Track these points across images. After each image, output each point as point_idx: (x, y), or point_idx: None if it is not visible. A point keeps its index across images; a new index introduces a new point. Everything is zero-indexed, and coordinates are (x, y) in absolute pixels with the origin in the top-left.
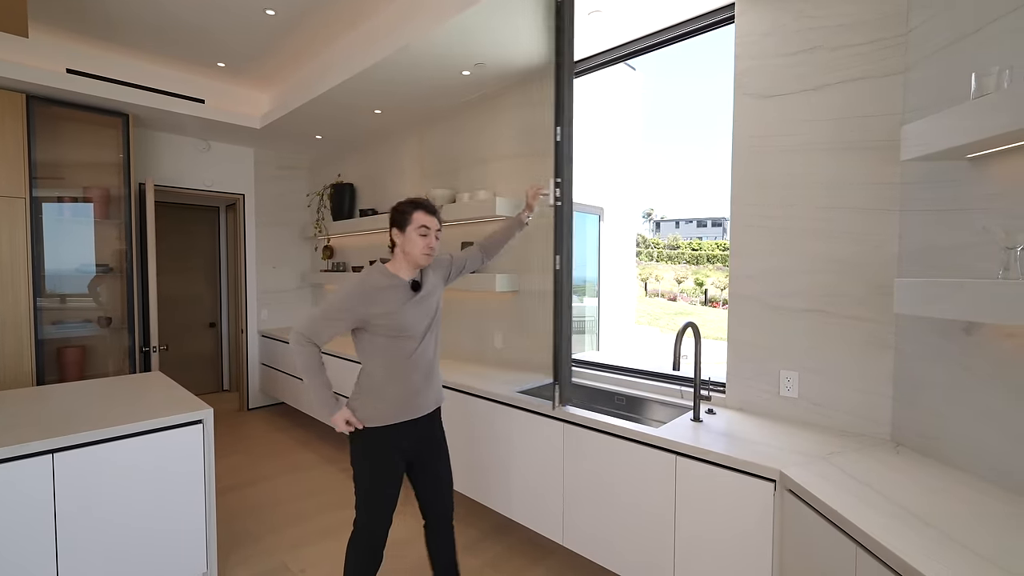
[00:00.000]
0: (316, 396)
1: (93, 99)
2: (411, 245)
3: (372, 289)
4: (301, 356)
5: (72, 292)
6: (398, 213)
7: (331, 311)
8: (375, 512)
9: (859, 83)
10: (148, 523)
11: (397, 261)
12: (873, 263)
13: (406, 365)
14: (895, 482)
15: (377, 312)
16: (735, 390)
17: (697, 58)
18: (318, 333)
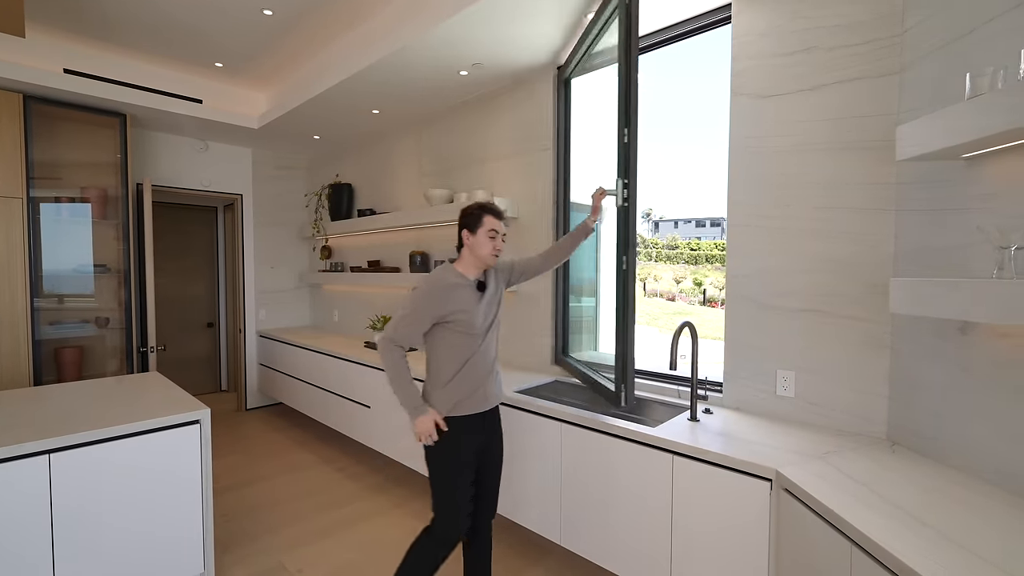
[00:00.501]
0: (405, 400)
1: (90, 99)
2: (480, 247)
3: (447, 287)
4: (390, 360)
5: (70, 292)
6: (469, 216)
7: (413, 313)
8: (453, 511)
9: (855, 83)
10: (145, 523)
11: (464, 261)
12: (869, 263)
13: (473, 360)
14: (891, 481)
15: (451, 310)
16: (732, 390)
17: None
18: (405, 336)
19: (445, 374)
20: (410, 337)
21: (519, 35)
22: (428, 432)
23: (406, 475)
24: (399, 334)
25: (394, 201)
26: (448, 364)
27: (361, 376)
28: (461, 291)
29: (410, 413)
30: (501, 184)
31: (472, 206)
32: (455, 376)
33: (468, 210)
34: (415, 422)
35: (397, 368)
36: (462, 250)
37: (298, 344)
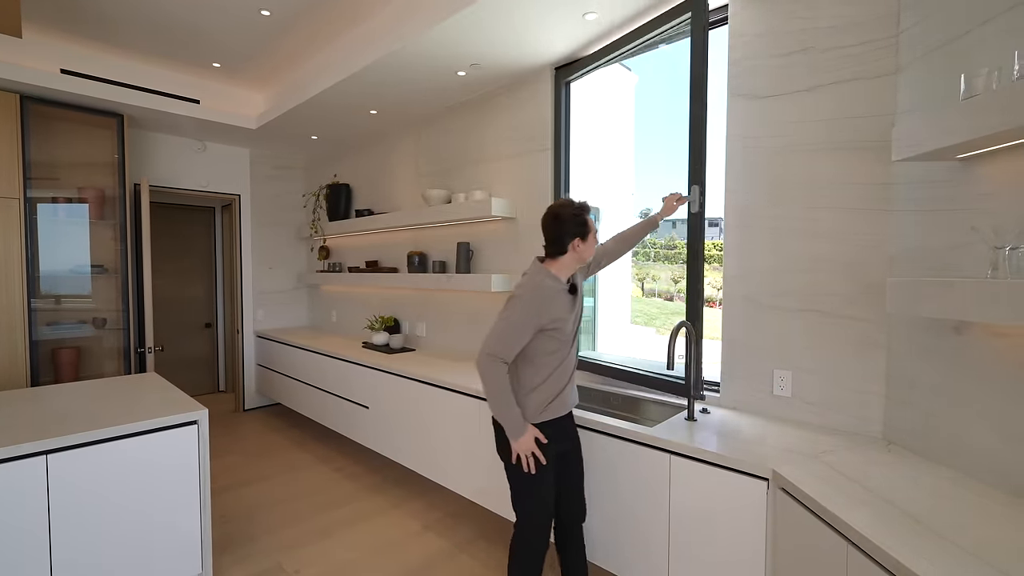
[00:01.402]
0: (509, 419)
1: (87, 99)
2: (587, 251)
3: (550, 293)
4: (495, 377)
5: (67, 293)
6: (579, 223)
7: (519, 324)
8: (535, 508)
9: (851, 84)
10: (143, 524)
11: (561, 264)
12: (866, 263)
13: (564, 364)
14: (886, 480)
15: (553, 317)
16: (729, 389)
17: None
18: (509, 349)
19: (536, 379)
20: (515, 350)
21: (517, 36)
22: (529, 451)
23: (404, 475)
24: (502, 347)
25: (392, 201)
26: (541, 369)
27: (359, 376)
28: (560, 297)
29: (512, 433)
30: (500, 185)
31: (573, 210)
32: (545, 381)
33: (578, 217)
34: (518, 442)
35: (503, 386)
36: (563, 257)
37: (296, 344)
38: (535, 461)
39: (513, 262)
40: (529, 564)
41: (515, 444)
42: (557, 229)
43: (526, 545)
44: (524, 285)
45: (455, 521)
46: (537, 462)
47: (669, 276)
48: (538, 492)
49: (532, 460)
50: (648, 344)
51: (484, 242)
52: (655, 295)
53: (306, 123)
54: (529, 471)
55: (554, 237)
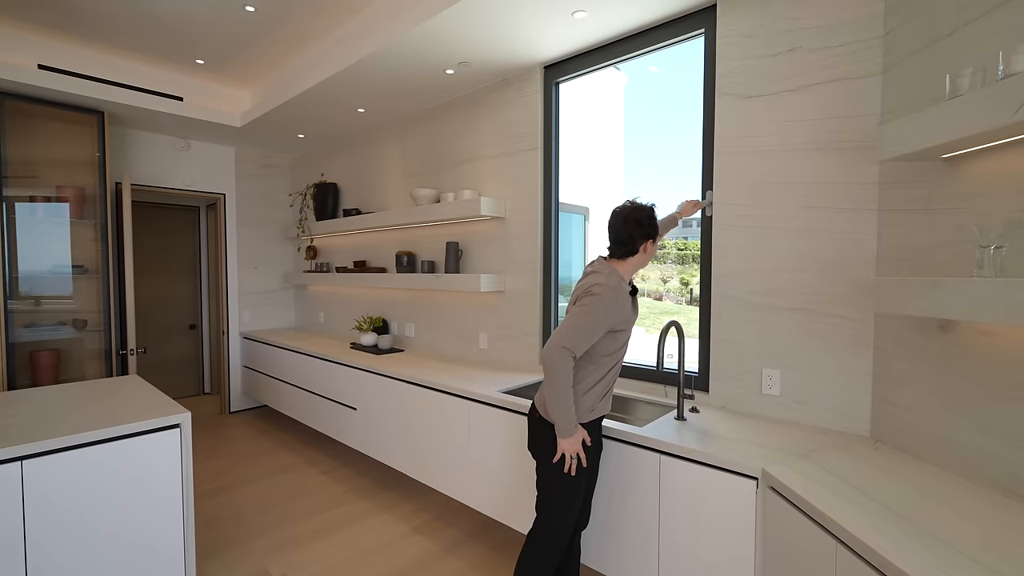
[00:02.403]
0: (566, 415)
1: (67, 96)
2: (652, 254)
3: (623, 295)
4: (564, 370)
5: (46, 294)
6: (650, 226)
7: (595, 320)
8: (561, 508)
9: (838, 84)
10: (123, 531)
11: (629, 265)
12: (853, 262)
13: (616, 365)
14: (873, 478)
15: (624, 317)
16: (718, 389)
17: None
18: (581, 345)
19: (592, 379)
20: (586, 347)
21: (505, 33)
22: (576, 451)
23: (392, 478)
24: (575, 342)
25: (380, 201)
26: (597, 369)
27: (347, 378)
28: (628, 298)
29: (564, 431)
30: (489, 184)
31: (647, 212)
32: (600, 381)
33: (647, 218)
34: (567, 441)
35: (568, 382)
36: (632, 258)
37: (283, 346)
38: (577, 464)
39: (502, 262)
40: (546, 559)
41: (564, 443)
42: (631, 230)
43: (541, 552)
44: (603, 285)
45: (443, 523)
46: (579, 465)
47: (658, 276)
48: (570, 495)
49: (575, 462)
50: (638, 342)
51: (473, 242)
52: (644, 295)
53: (292, 121)
54: (568, 472)
55: (627, 238)
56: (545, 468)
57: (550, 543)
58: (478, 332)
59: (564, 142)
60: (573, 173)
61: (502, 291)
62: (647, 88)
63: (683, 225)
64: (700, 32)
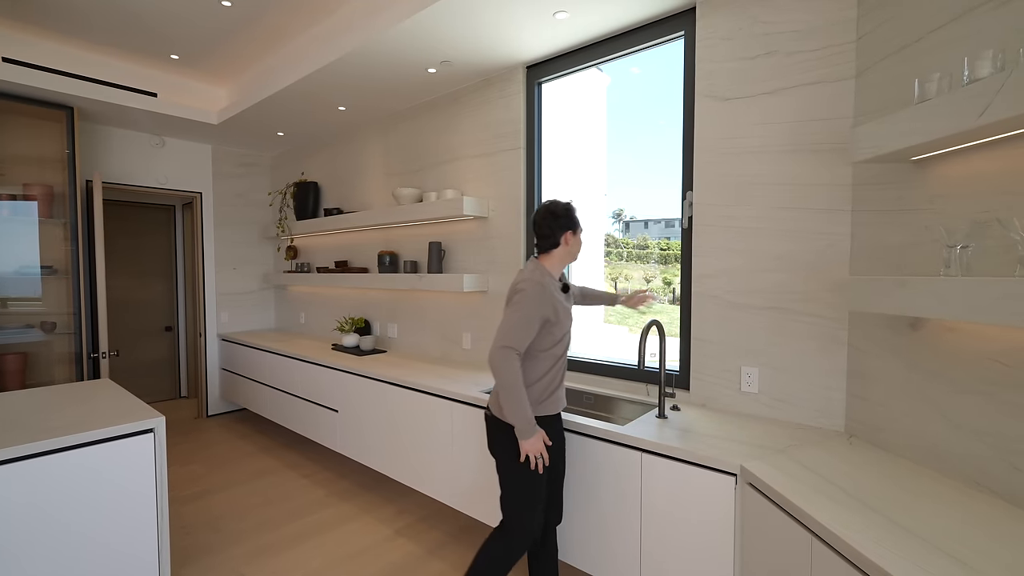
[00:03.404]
0: (522, 415)
1: (34, 90)
2: (578, 246)
3: (550, 289)
4: (511, 370)
5: (12, 296)
6: (569, 218)
7: (527, 316)
8: (532, 510)
9: (814, 87)
10: (97, 539)
11: (554, 260)
12: (829, 262)
13: (558, 362)
14: (848, 473)
15: (553, 308)
16: (698, 387)
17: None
18: (521, 341)
19: (533, 375)
20: (527, 342)
21: (487, 32)
22: (539, 451)
23: (375, 480)
24: (516, 340)
25: (362, 200)
26: (538, 365)
27: (328, 379)
28: (557, 293)
29: (523, 431)
30: (471, 184)
31: (564, 206)
32: (543, 377)
33: (563, 210)
34: (528, 441)
35: (518, 380)
36: (556, 250)
37: (263, 347)
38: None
39: (485, 262)
40: (501, 567)
41: (524, 444)
42: (550, 223)
43: (506, 548)
44: (527, 280)
45: (427, 525)
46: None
47: (641, 276)
48: (532, 494)
49: (540, 461)
50: (621, 342)
51: (456, 242)
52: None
53: (271, 119)
54: (528, 474)
55: (548, 232)
56: (504, 468)
57: (518, 542)
58: (461, 332)
59: (547, 142)
60: (556, 173)
61: (485, 291)
62: (629, 89)
63: (666, 225)
64: (680, 34)
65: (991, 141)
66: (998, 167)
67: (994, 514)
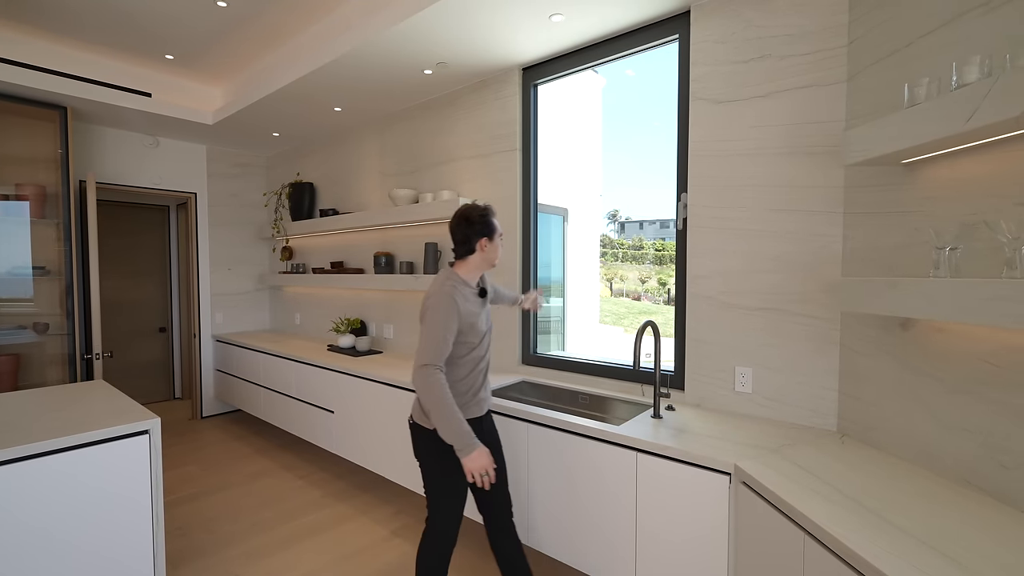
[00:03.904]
0: (458, 433)
1: (27, 90)
2: (495, 252)
3: (462, 296)
4: (439, 388)
5: (5, 297)
6: (484, 224)
7: (442, 329)
8: (448, 510)
9: (806, 90)
10: (89, 543)
11: (470, 267)
12: (821, 263)
13: (477, 366)
14: (840, 472)
15: (463, 321)
16: (693, 387)
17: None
18: (440, 355)
19: (452, 380)
20: (446, 354)
21: (483, 35)
22: (485, 468)
23: (370, 481)
24: (437, 355)
25: (358, 201)
26: (457, 371)
27: (324, 380)
28: (471, 298)
29: (463, 449)
30: (467, 185)
31: (479, 212)
32: (462, 380)
33: (483, 218)
34: (469, 458)
35: (447, 396)
36: (471, 256)
37: (258, 348)
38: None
39: None
40: (440, 553)
41: (467, 462)
42: (465, 229)
43: (434, 548)
44: (434, 294)
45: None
46: (453, 467)
47: (636, 276)
48: (453, 497)
49: (487, 478)
50: (616, 342)
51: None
52: (623, 295)
53: (267, 119)
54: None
55: (463, 238)
56: (428, 472)
57: (443, 538)
58: None
59: (543, 144)
60: (552, 174)
61: None
62: (624, 91)
63: (661, 226)
64: (675, 38)
65: (979, 145)
66: (986, 170)
67: (985, 512)
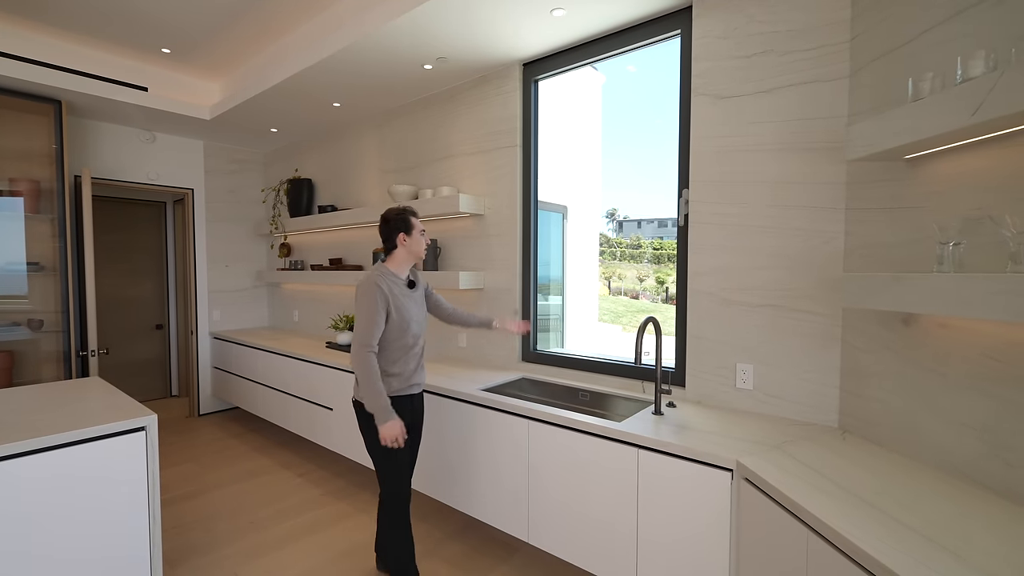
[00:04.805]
0: (379, 403)
1: (20, 83)
2: (417, 245)
3: (387, 283)
4: (369, 366)
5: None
6: (400, 221)
7: (371, 316)
8: (391, 472)
9: (808, 86)
10: (84, 541)
11: (397, 261)
12: (823, 259)
13: (410, 351)
14: (841, 468)
15: (389, 304)
16: (694, 384)
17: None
18: (372, 336)
19: (384, 363)
20: (377, 336)
21: (483, 29)
22: (396, 436)
23: (369, 479)
24: (369, 336)
25: (357, 197)
26: (390, 354)
27: (323, 378)
28: (396, 288)
29: (380, 416)
30: (467, 181)
31: (395, 211)
32: (395, 364)
33: (400, 216)
34: (385, 426)
35: (375, 375)
36: (396, 251)
37: (256, 346)
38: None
39: (482, 259)
40: (398, 512)
41: (382, 429)
42: (387, 230)
43: (394, 497)
44: (361, 283)
45: (424, 524)
46: None
47: (635, 275)
48: (395, 465)
49: (398, 442)
50: (614, 341)
51: (452, 239)
52: (621, 293)
53: (265, 115)
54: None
55: (386, 236)
56: (370, 446)
57: (394, 499)
58: (457, 330)
59: (543, 140)
60: (552, 171)
61: (482, 288)
62: (625, 87)
63: (659, 225)
64: (676, 33)
65: (983, 139)
66: (990, 165)
67: (989, 509)
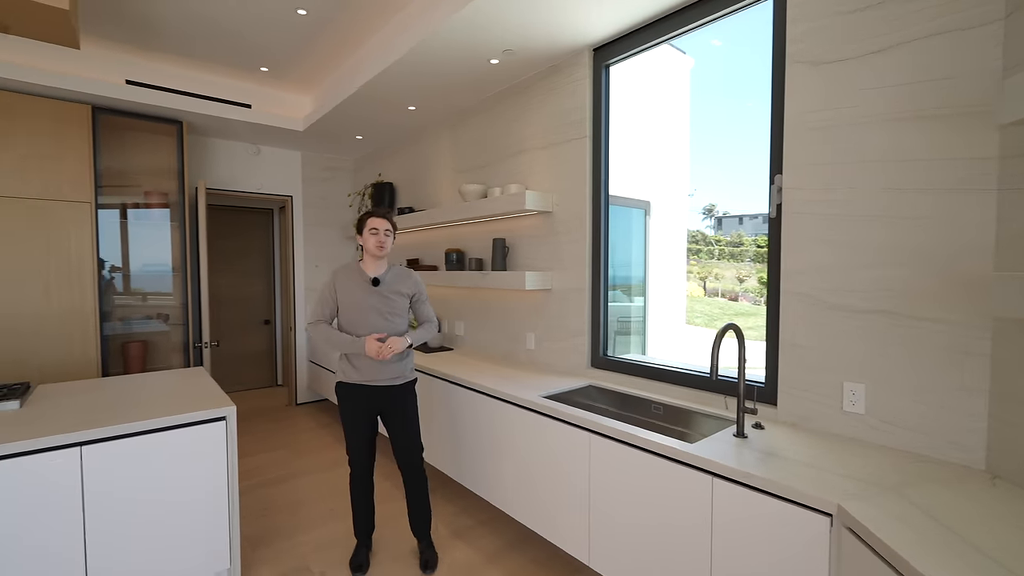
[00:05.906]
0: (346, 341)
1: (151, 108)
2: (367, 243)
3: (344, 274)
4: (318, 330)
5: (136, 290)
6: (359, 223)
7: (321, 295)
8: (349, 442)
9: (940, 38)
10: (172, 517)
11: (365, 259)
12: (959, 254)
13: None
14: (985, 525)
15: (336, 290)
16: (788, 403)
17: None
18: (317, 313)
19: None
20: (323, 313)
21: (549, 14)
22: (378, 349)
23: (438, 479)
24: (315, 312)
25: (432, 198)
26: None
27: None
28: (353, 279)
29: (356, 349)
30: (535, 177)
31: (361, 216)
32: (356, 356)
33: (359, 220)
34: (365, 350)
35: (327, 332)
36: (362, 250)
37: None
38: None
39: (550, 258)
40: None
41: (369, 354)
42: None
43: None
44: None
45: (486, 530)
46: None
47: (734, 275)
48: (350, 431)
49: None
50: (707, 346)
51: (521, 238)
52: (718, 294)
53: (350, 122)
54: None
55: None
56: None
57: (353, 467)
58: (525, 332)
59: (622, 131)
60: (632, 164)
61: (549, 289)
62: (714, 69)
63: (763, 221)
64: None
65: None
66: None
67: None
